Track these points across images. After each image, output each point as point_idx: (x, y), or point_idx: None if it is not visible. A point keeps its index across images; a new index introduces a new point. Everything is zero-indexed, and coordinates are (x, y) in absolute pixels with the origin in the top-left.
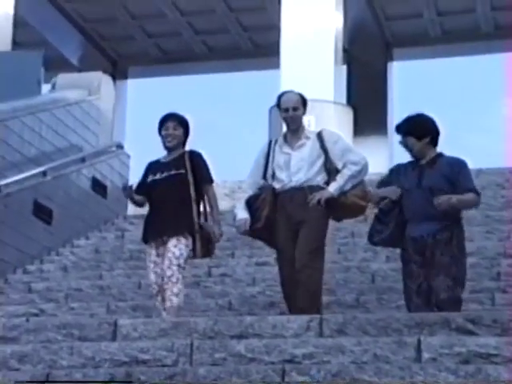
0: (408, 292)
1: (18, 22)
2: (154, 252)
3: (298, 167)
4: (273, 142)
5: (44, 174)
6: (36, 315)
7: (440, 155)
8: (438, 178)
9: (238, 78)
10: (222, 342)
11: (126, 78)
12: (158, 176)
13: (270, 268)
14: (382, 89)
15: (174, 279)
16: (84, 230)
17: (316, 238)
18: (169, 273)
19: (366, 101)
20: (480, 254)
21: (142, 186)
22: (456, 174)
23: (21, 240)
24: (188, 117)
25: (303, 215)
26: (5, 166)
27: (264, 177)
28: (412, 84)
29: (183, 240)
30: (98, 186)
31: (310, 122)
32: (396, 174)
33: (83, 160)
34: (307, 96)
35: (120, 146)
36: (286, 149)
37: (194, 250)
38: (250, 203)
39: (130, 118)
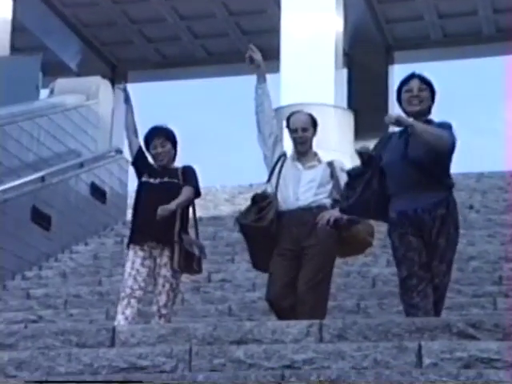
0: (410, 269)
1: (17, 27)
2: (138, 261)
3: (307, 187)
4: (282, 156)
5: (42, 179)
6: (34, 322)
7: (429, 121)
8: (422, 147)
9: (237, 82)
10: (221, 347)
11: (125, 82)
12: (151, 180)
13: None
14: (383, 92)
15: (164, 311)
16: (83, 235)
17: (322, 268)
18: (162, 302)
19: (367, 104)
20: (482, 258)
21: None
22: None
23: (19, 246)
24: (173, 128)
25: (312, 239)
26: (3, 171)
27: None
28: None
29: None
30: (97, 192)
31: None
32: (384, 142)
33: (82, 165)
34: (307, 99)
35: (119, 151)
36: (298, 165)
37: (171, 260)
38: (256, 200)
39: None
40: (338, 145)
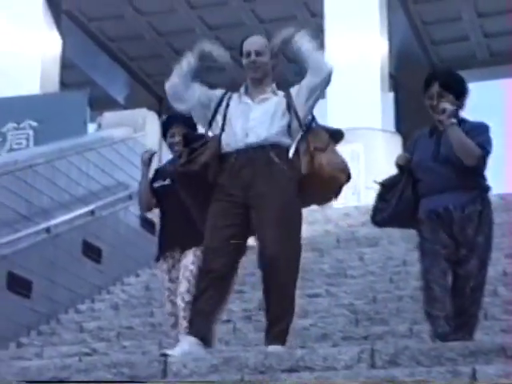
0: (433, 300)
1: (65, 64)
2: (166, 277)
3: (258, 121)
4: (229, 92)
5: (92, 212)
6: (88, 355)
7: (463, 121)
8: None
9: None
10: (272, 376)
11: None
12: (166, 182)
13: (322, 300)
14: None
15: (187, 297)
16: (134, 267)
17: (290, 223)
18: (183, 288)
19: (415, 127)
20: None
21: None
22: (474, 136)
23: (71, 280)
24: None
25: (266, 184)
26: (53, 206)
27: (209, 125)
28: None
29: (198, 252)
30: (147, 223)
31: (358, 150)
32: (414, 142)
33: (130, 197)
34: (354, 124)
35: None
36: (246, 99)
37: None
38: (190, 139)
39: None
40: (387, 168)
